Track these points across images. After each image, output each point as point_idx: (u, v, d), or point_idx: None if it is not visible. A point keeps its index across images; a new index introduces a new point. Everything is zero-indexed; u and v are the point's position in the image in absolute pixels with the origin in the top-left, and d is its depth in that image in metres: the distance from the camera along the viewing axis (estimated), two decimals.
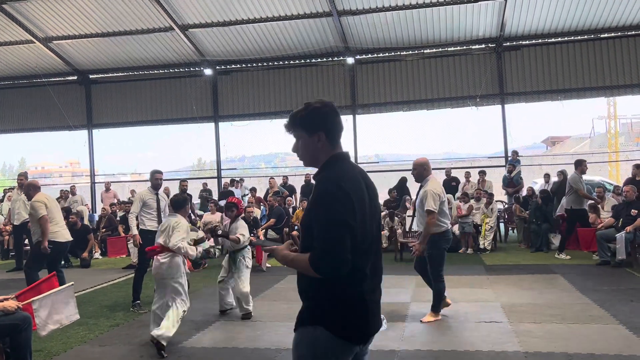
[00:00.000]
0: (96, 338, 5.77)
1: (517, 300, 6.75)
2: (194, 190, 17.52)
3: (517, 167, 14.14)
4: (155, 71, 17.68)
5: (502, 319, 5.94)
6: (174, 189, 16.48)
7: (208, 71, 17.03)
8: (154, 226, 7.08)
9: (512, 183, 13.84)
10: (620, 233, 8.69)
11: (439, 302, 6.00)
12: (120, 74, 17.88)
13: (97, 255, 12.42)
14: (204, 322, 6.21)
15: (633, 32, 14.91)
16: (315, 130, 2.35)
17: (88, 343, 5.60)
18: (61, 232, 7.03)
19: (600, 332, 5.29)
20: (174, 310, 5.29)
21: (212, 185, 17.46)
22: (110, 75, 17.99)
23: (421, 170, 6.00)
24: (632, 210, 8.87)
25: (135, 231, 7.02)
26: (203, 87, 17.49)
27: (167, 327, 5.13)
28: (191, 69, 17.38)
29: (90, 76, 18.07)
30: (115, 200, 15.24)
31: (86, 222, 13.20)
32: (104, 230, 13.12)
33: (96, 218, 14.65)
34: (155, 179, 7.26)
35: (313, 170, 2.43)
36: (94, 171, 19.14)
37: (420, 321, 5.92)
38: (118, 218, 13.42)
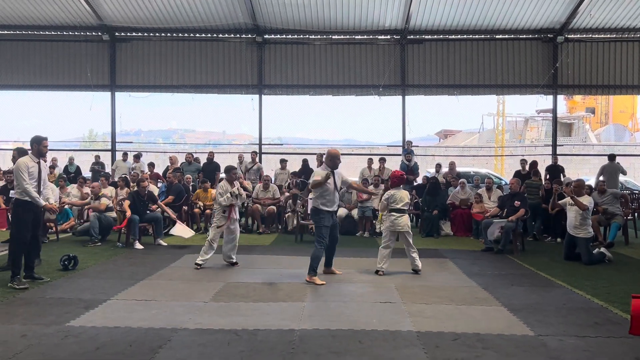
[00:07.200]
0: None
1: (410, 282, 7.06)
2: (86, 162, 16.52)
3: (413, 156, 14.67)
4: (47, 32, 16.36)
5: (396, 299, 6.17)
6: (63, 161, 15.48)
7: (106, 37, 16.05)
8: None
9: (410, 171, 14.28)
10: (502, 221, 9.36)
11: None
12: (5, 32, 16.36)
13: None
14: (94, 301, 5.88)
15: (524, 36, 16.00)
16: None
17: None
18: None
19: (485, 313, 5.66)
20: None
21: (106, 159, 16.54)
22: None
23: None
24: (516, 202, 9.57)
25: (42, 202, 6.61)
26: (100, 53, 16.46)
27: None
28: (88, 33, 16.27)
29: None
30: None
31: None
32: None
33: None
34: (44, 146, 6.85)
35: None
36: None
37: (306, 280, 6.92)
38: None
